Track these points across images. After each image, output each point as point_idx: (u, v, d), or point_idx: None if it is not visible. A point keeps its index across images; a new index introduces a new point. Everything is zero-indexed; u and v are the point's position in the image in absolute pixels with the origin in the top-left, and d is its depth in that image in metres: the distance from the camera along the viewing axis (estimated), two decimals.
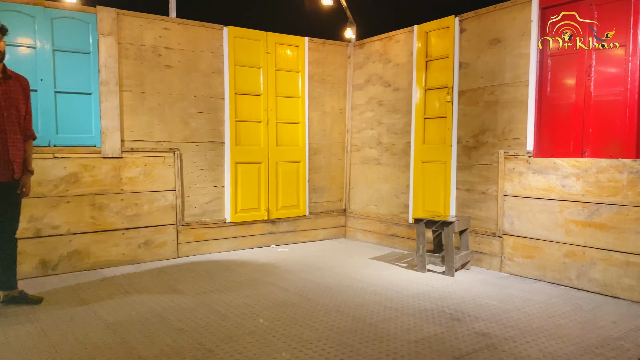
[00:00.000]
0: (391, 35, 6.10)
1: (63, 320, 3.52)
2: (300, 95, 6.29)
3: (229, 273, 4.86)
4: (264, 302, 3.93)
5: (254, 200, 5.98)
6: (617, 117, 4.15)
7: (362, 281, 4.56)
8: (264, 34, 5.95)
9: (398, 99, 6.02)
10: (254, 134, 5.98)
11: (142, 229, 5.23)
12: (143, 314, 3.66)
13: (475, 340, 3.15)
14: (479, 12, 5.10)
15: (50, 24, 4.73)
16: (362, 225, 6.53)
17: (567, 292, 4.20)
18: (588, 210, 4.18)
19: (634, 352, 2.98)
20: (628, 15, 4.04)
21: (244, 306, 3.84)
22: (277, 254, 5.75)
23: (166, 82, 5.34)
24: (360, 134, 6.57)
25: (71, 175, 4.82)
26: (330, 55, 6.53)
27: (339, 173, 6.70)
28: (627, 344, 3.09)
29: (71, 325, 3.42)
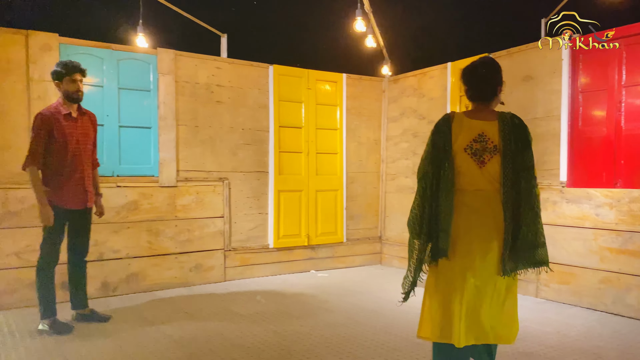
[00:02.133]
0: (425, 71, 6.45)
1: (134, 337, 3.84)
2: (338, 127, 6.65)
3: (275, 296, 5.15)
4: (313, 323, 4.20)
5: (295, 227, 6.30)
6: None
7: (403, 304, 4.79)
8: (306, 72, 6.36)
9: None
10: (296, 163, 6.33)
11: (193, 253, 5.57)
12: (205, 332, 3.96)
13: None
14: (510, 51, 5.43)
15: (117, 64, 5.20)
16: (398, 252, 6.77)
17: (604, 317, 4.37)
18: (622, 238, 4.38)
19: None
20: None
21: (296, 325, 4.12)
22: (318, 278, 6.02)
23: (217, 116, 5.76)
24: (395, 163, 6.88)
25: (131, 202, 5.21)
26: (366, 90, 6.90)
27: (374, 201, 6.99)
28: None
29: (142, 341, 3.74)
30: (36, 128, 3.84)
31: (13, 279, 4.61)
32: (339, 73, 6.64)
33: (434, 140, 2.58)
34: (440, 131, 2.58)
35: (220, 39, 6.06)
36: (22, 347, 3.60)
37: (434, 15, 6.44)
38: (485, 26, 6.27)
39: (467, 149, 2.51)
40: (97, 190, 4.25)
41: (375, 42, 6.47)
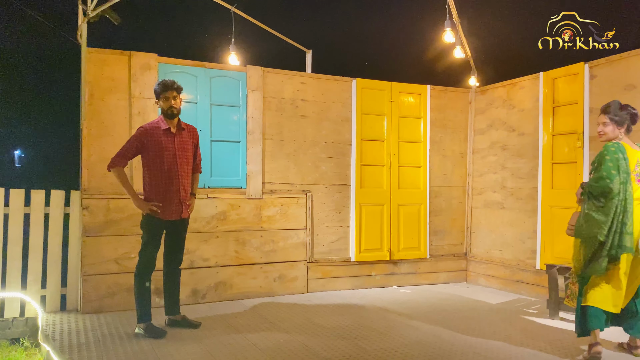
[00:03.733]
0: (515, 81, 6.20)
1: (223, 344, 3.96)
2: (421, 140, 6.55)
3: (358, 309, 5.12)
4: (398, 339, 4.12)
5: (377, 241, 6.24)
6: None
7: (492, 324, 4.59)
8: (389, 84, 6.33)
9: (523, 143, 6.05)
10: (378, 177, 6.29)
11: (277, 263, 5.69)
12: (289, 342, 4.01)
13: None
14: (610, 59, 5.08)
15: (209, 82, 5.46)
16: (485, 270, 6.51)
17: None
18: None
19: None
20: None
21: (380, 341, 4.06)
22: (400, 294, 5.92)
23: (301, 130, 5.87)
24: (482, 177, 6.64)
25: (220, 213, 5.42)
26: (451, 102, 6.74)
27: (459, 216, 6.78)
28: None
29: (231, 349, 3.85)
30: (133, 137, 4.16)
31: (113, 284, 4.94)
32: (423, 85, 6.55)
33: (620, 164, 3.56)
34: (624, 157, 3.58)
35: (305, 55, 6.19)
36: (120, 348, 3.83)
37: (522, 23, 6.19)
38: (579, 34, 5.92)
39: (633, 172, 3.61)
40: (194, 190, 4.44)
41: (464, 53, 6.31)
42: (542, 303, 5.32)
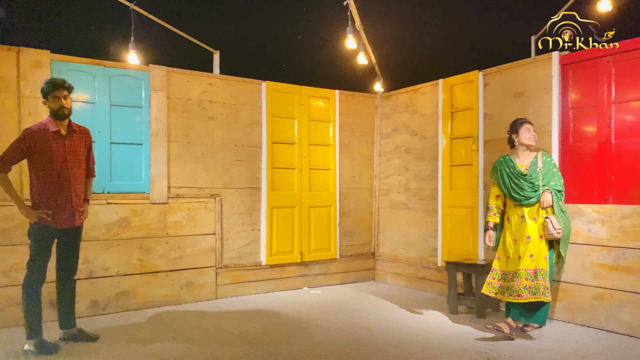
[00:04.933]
0: (417, 88, 6.49)
1: (122, 356, 3.77)
2: (331, 143, 6.66)
3: (269, 313, 5.09)
4: (307, 341, 4.15)
5: (288, 243, 6.26)
6: (638, 165, 4.40)
7: (397, 322, 4.76)
8: (299, 88, 6.37)
9: (425, 147, 6.34)
10: (289, 179, 6.31)
11: (184, 270, 5.52)
12: (196, 351, 3.90)
13: None
14: (501, 68, 5.47)
15: (109, 81, 5.19)
16: (391, 268, 6.74)
17: (597, 333, 4.34)
18: (614, 254, 4.38)
19: None
20: None
21: (289, 344, 4.06)
22: (311, 296, 5.97)
23: (209, 132, 5.74)
24: (388, 179, 6.88)
25: (122, 219, 5.16)
26: (359, 106, 6.92)
27: (367, 217, 6.98)
28: None
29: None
30: (18, 140, 3.83)
31: (1, 298, 4.54)
32: (332, 89, 6.66)
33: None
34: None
35: (212, 56, 6.07)
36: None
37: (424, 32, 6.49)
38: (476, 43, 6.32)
39: None
40: (87, 196, 4.18)
41: (367, 59, 6.50)
42: (444, 299, 5.60)
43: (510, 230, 4.37)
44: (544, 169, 4.28)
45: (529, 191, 4.26)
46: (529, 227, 4.24)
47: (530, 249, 4.20)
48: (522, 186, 4.28)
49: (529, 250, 4.20)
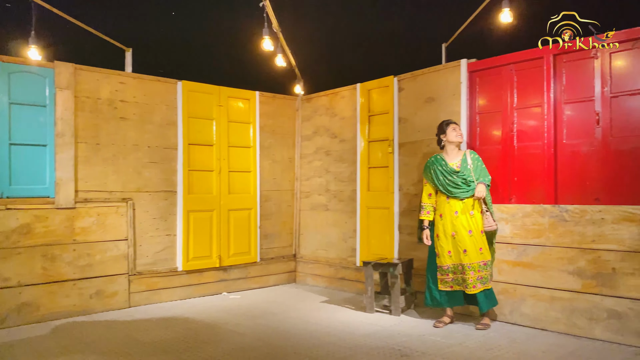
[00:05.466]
0: (336, 91, 6.58)
1: None
2: (251, 145, 6.59)
3: (185, 321, 4.94)
4: (223, 348, 4.06)
5: (206, 248, 6.11)
6: (537, 167, 4.72)
7: (315, 324, 4.78)
8: (217, 88, 6.25)
9: (344, 149, 6.44)
10: (207, 182, 6.17)
11: (94, 279, 5.23)
12: None
13: None
14: (414, 74, 5.67)
15: (7, 77, 4.82)
16: (312, 270, 6.77)
17: (503, 326, 4.59)
18: (517, 251, 4.66)
19: None
20: (542, 80, 4.68)
21: (205, 351, 3.96)
22: (230, 301, 5.87)
23: (121, 133, 5.49)
24: (309, 181, 6.91)
25: (23, 226, 4.81)
26: (280, 108, 6.91)
27: (289, 219, 6.97)
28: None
29: None
30: None
31: None
32: (252, 91, 6.60)
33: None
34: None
35: (124, 53, 5.81)
36: None
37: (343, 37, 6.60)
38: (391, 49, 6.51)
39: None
40: None
41: (286, 62, 6.49)
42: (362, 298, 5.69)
43: (444, 226, 4.57)
44: (473, 165, 4.55)
45: (463, 186, 4.50)
46: (466, 221, 4.50)
47: (477, 242, 4.48)
48: (456, 182, 4.52)
49: (476, 244, 4.48)
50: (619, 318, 4.01)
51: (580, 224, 4.26)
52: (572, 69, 4.55)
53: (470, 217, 4.50)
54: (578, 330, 4.24)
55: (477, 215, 4.51)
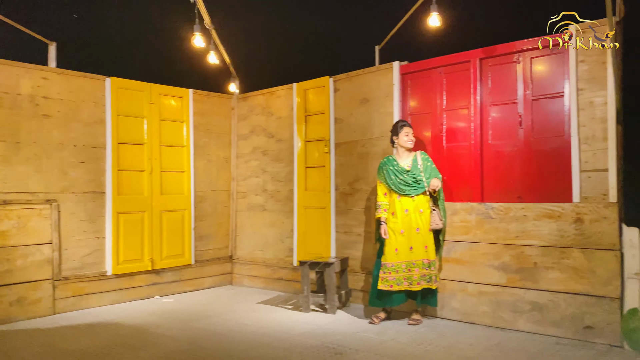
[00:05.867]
0: (273, 90, 6.55)
1: None
2: (185, 144, 6.43)
3: (114, 326, 4.75)
4: (154, 352, 3.94)
5: (137, 251, 5.90)
6: (465, 166, 4.90)
7: (250, 325, 4.73)
8: (148, 85, 6.05)
9: (281, 149, 6.42)
10: (138, 183, 5.96)
11: (14, 285, 4.92)
12: None
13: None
14: (349, 75, 5.73)
15: None
16: (249, 271, 6.70)
17: (433, 321, 4.73)
18: (446, 248, 4.81)
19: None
20: (469, 83, 4.87)
21: (133, 358, 3.82)
22: (162, 304, 5.70)
23: (44, 132, 5.20)
24: (245, 181, 6.84)
25: None
26: (215, 107, 6.79)
27: (225, 220, 6.86)
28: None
29: None
30: None
31: None
32: (185, 88, 6.44)
33: None
34: None
35: (47, 47, 5.50)
36: None
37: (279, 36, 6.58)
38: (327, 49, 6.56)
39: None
40: None
41: (219, 59, 6.38)
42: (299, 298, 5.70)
43: (395, 224, 4.63)
44: (423, 165, 4.64)
45: (413, 184, 4.60)
46: (415, 219, 4.58)
47: (423, 240, 4.57)
48: (406, 181, 4.61)
49: (423, 241, 4.57)
50: (540, 310, 4.24)
51: (505, 221, 4.46)
52: (497, 73, 4.77)
53: (419, 214, 4.61)
54: (504, 323, 4.44)
55: (426, 213, 4.62)
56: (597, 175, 4.15)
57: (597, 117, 4.16)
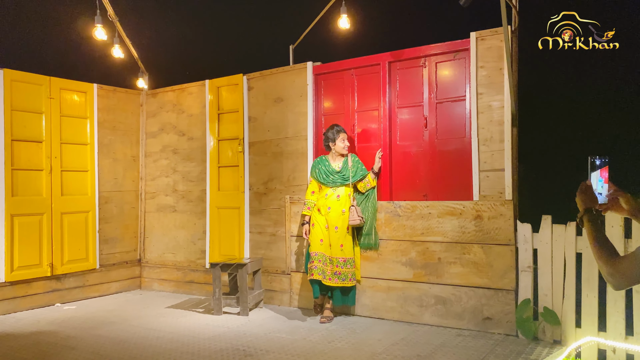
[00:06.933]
0: (184, 87, 6.34)
1: None
2: (89, 142, 6.07)
3: (6, 338, 4.38)
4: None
5: (35, 256, 5.49)
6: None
7: (158, 330, 4.55)
8: (47, 79, 5.65)
9: (193, 147, 6.24)
10: (35, 183, 5.54)
11: None
12: None
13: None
14: (264, 73, 5.69)
15: None
16: (159, 275, 6.45)
17: (345, 318, 4.81)
18: None
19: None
20: (379, 86, 5.00)
21: None
22: (63, 312, 5.34)
23: None
24: (155, 181, 6.57)
25: None
26: (122, 103, 6.46)
27: (132, 222, 6.55)
28: (388, 357, 3.73)
29: None
30: None
31: None
32: (89, 83, 6.07)
33: None
34: None
35: None
36: None
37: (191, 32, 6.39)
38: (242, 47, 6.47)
39: None
40: None
41: (125, 53, 6.07)
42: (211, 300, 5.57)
43: (320, 218, 4.74)
44: (353, 167, 4.79)
45: (340, 181, 4.74)
46: (335, 217, 4.70)
47: (339, 239, 4.68)
48: (335, 180, 4.76)
49: (339, 240, 4.68)
50: (444, 303, 4.44)
51: (411, 219, 4.62)
52: (405, 76, 4.94)
53: (341, 214, 4.72)
54: (410, 317, 4.60)
55: (347, 213, 4.70)
56: (494, 175, 4.41)
57: (494, 120, 4.42)
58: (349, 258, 4.70)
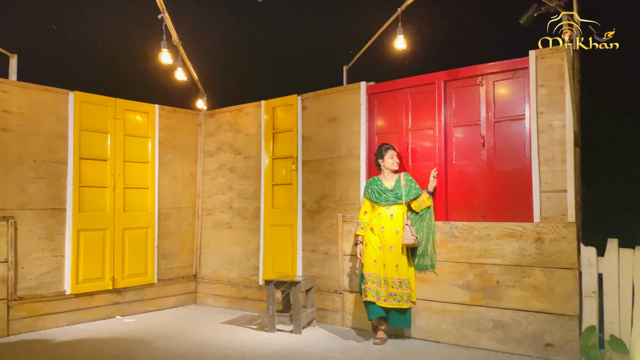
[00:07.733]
0: (241, 107, 6.53)
1: None
2: (150, 160, 6.32)
3: (69, 349, 4.57)
4: None
5: (98, 270, 5.73)
6: None
7: (214, 345, 4.63)
8: (113, 100, 5.95)
9: (248, 166, 6.38)
10: (100, 199, 5.82)
11: None
12: None
13: None
14: (318, 94, 5.78)
15: None
16: (213, 290, 6.59)
17: (399, 341, 4.72)
18: None
19: None
20: (434, 104, 4.97)
21: None
22: (123, 325, 5.53)
23: (2, 146, 5.04)
24: (211, 198, 6.75)
25: None
26: (182, 123, 6.71)
27: (189, 238, 6.74)
28: None
29: None
30: None
31: None
32: (151, 104, 6.35)
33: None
34: None
35: (9, 60, 5.36)
36: None
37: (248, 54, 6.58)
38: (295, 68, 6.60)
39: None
40: None
41: (187, 76, 6.32)
42: (264, 317, 5.63)
43: (373, 238, 4.72)
44: (406, 185, 4.76)
45: (393, 199, 4.72)
46: (390, 237, 4.66)
47: (395, 259, 4.63)
48: (388, 198, 4.74)
49: (394, 260, 4.63)
50: (502, 328, 4.30)
51: (469, 240, 4.53)
52: (461, 95, 4.88)
53: (395, 233, 4.68)
54: (467, 341, 4.48)
55: (402, 232, 4.67)
56: (556, 196, 4.27)
57: (556, 140, 4.29)
58: (405, 279, 4.65)
